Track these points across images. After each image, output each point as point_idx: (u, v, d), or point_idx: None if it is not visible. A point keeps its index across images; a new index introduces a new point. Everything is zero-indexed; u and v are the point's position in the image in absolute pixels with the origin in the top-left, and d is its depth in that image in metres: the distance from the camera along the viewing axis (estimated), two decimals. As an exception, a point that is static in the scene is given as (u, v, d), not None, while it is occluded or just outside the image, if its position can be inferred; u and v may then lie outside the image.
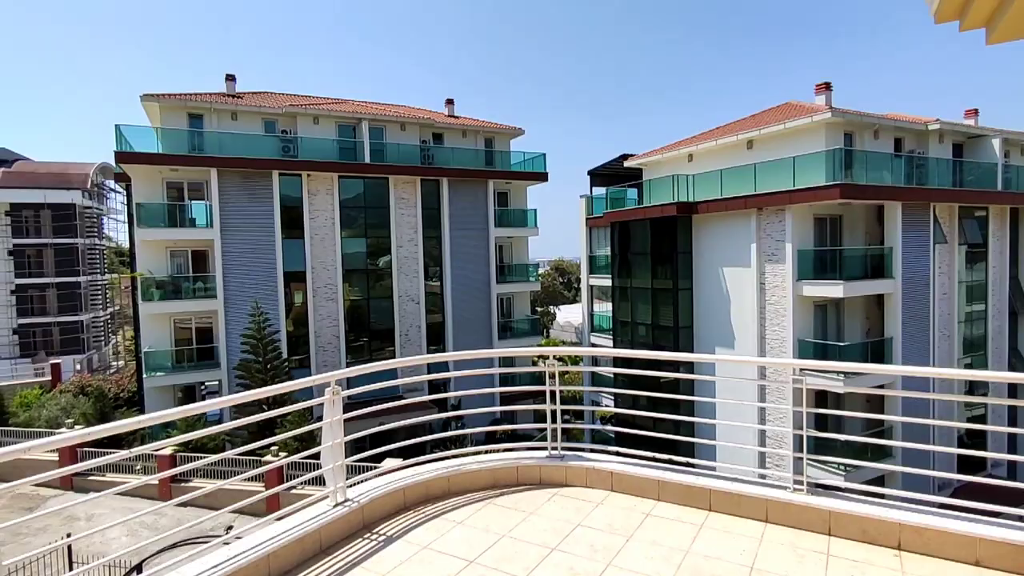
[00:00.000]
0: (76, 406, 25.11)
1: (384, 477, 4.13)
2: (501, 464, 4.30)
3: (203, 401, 25.92)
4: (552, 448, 4.44)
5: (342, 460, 3.72)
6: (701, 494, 3.80)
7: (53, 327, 43.14)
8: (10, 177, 42.41)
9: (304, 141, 27.82)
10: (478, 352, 4.87)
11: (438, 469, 4.22)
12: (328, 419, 3.70)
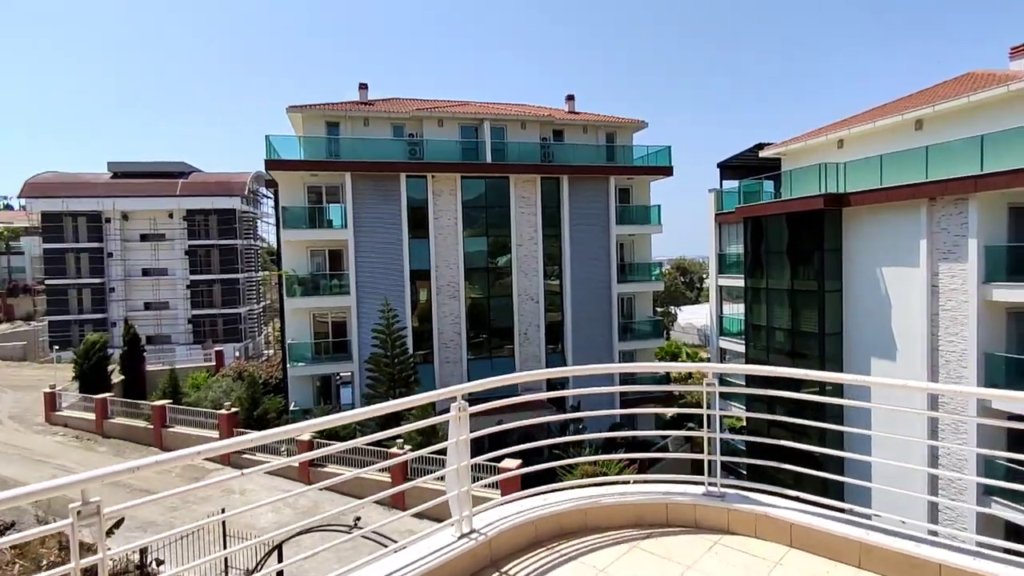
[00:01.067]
0: (234, 390, 27.94)
1: (512, 505, 3.66)
2: (647, 499, 3.66)
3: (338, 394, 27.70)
4: (710, 484, 3.71)
5: (468, 486, 3.30)
6: (927, 568, 2.86)
7: (218, 318, 48.86)
8: (186, 187, 48.64)
9: (429, 143, 28.71)
10: (608, 367, 4.26)
11: (573, 500, 3.68)
12: (454, 438, 3.30)
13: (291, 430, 2.91)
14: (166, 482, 20.31)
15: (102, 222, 47.16)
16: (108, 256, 47.43)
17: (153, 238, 48.55)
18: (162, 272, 48.70)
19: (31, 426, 25.96)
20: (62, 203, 46.29)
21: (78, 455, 22.76)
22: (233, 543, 13.90)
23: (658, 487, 3.80)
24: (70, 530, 2.12)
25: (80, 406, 26.62)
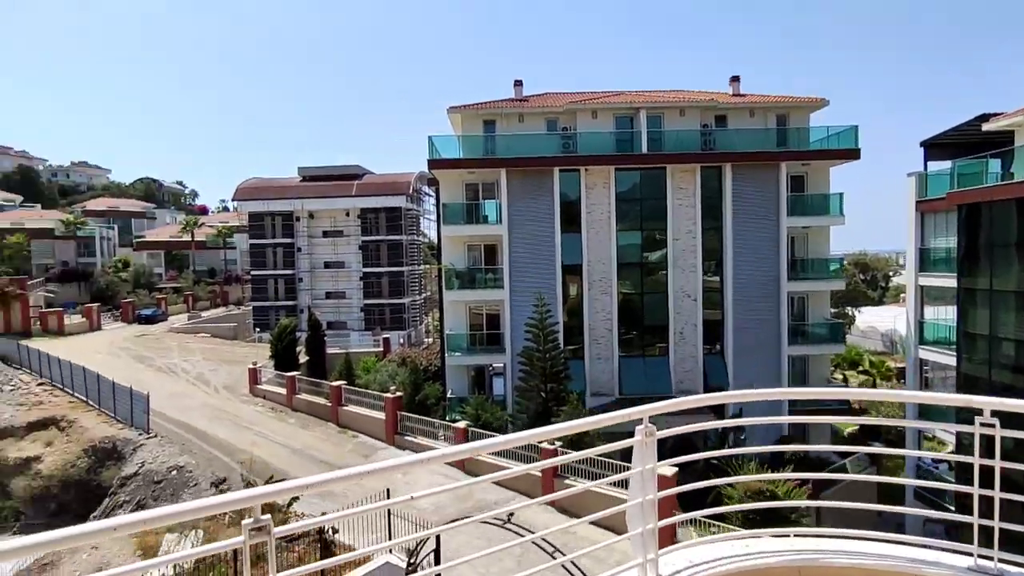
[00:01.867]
0: (398, 374, 30.12)
1: (703, 549, 3.08)
2: (887, 566, 2.84)
3: (491, 384, 28.49)
4: (980, 556, 2.78)
5: (655, 523, 2.80)
6: None
7: (386, 307, 53.32)
8: (360, 188, 53.69)
9: (582, 136, 28.27)
10: (817, 391, 3.44)
11: (783, 553, 3.00)
12: (638, 466, 2.81)
13: (515, 439, 2.68)
14: (341, 456, 22.44)
15: (293, 221, 53.87)
16: (298, 251, 54.08)
17: (333, 234, 54.35)
18: (340, 265, 54.35)
19: (239, 396, 30.33)
20: (264, 205, 53.73)
21: (273, 424, 26.06)
22: (396, 520, 14.81)
23: (900, 550, 2.95)
24: (243, 547, 2.00)
25: (275, 381, 30.51)
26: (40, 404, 27.34)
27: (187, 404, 28.05)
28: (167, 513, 1.93)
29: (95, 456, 22.64)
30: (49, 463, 22.73)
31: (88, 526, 1.81)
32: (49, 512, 22.07)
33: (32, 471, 22.53)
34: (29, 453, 23.23)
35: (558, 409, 21.39)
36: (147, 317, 54.04)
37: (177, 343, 43.49)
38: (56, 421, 25.10)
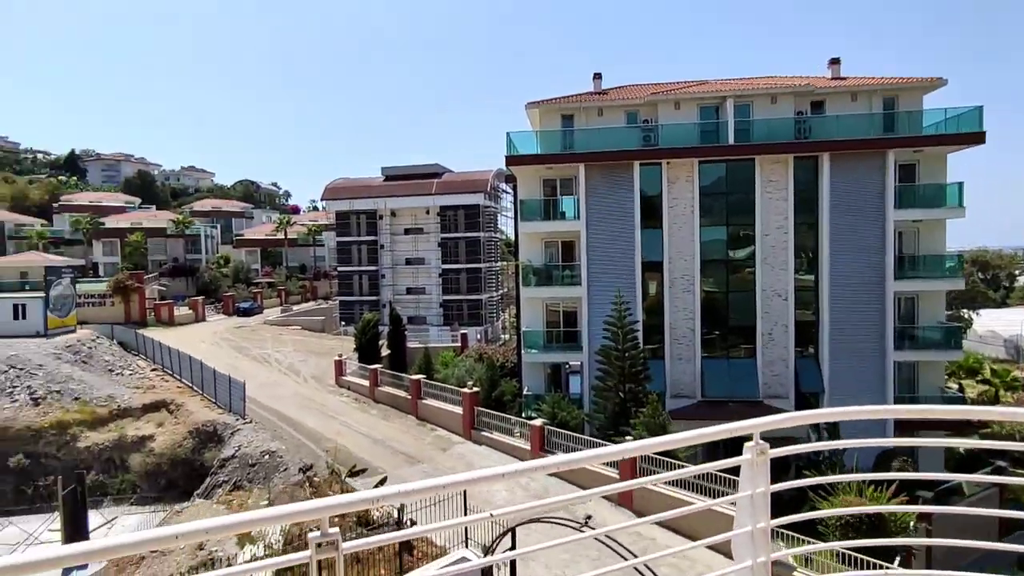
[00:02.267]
0: (475, 370, 30.42)
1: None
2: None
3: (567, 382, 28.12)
4: None
5: (767, 556, 2.42)
6: None
7: (463, 303, 54.21)
8: (440, 186, 54.84)
9: (664, 129, 27.24)
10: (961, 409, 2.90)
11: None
12: (747, 489, 2.45)
13: (623, 450, 2.44)
14: (420, 448, 22.92)
15: (377, 219, 55.87)
16: (380, 248, 56.04)
17: (414, 232, 55.88)
18: (420, 261, 55.80)
19: (325, 386, 31.80)
20: (349, 204, 56.08)
21: (356, 415, 27.08)
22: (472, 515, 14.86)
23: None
24: (310, 562, 1.86)
25: (358, 373, 31.72)
26: (153, 388, 29.93)
27: (279, 393, 29.73)
28: (231, 523, 1.82)
29: (198, 438, 24.45)
30: (160, 442, 24.80)
31: (152, 533, 1.72)
32: (160, 487, 24.09)
33: (146, 449, 24.68)
34: (144, 432, 25.47)
35: (637, 410, 20.73)
36: (245, 310, 58.06)
37: (271, 334, 46.35)
38: (166, 404, 27.35)
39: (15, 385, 27.02)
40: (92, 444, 24.93)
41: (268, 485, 18.89)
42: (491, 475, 2.12)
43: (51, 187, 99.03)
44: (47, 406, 26.07)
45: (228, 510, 16.84)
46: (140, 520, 21.56)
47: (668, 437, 2.42)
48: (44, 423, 25.18)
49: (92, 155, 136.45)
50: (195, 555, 13.89)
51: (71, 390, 27.36)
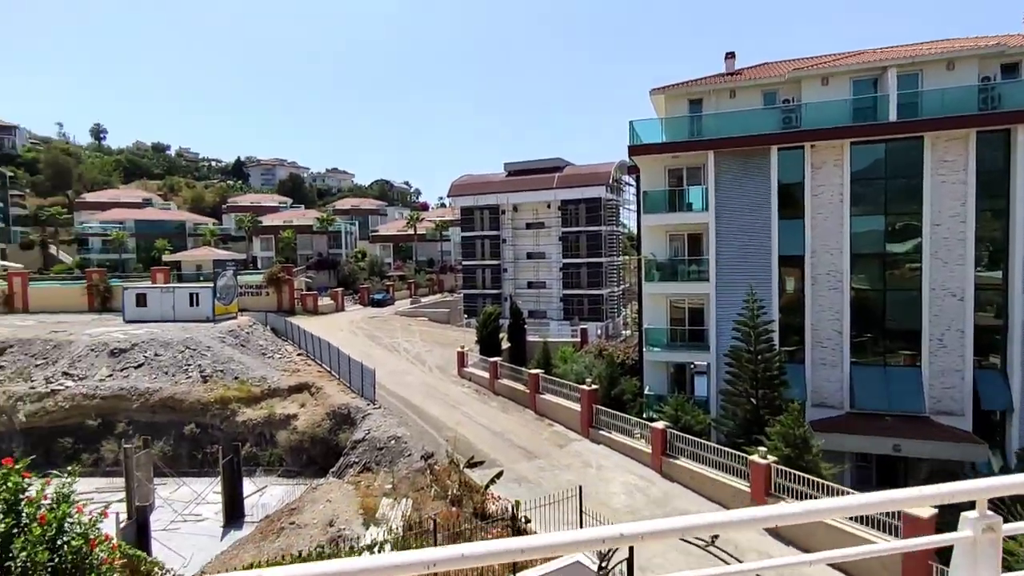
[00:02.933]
0: (595, 366, 29.73)
1: None
2: None
3: (692, 384, 26.52)
4: None
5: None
6: None
7: (584, 298, 53.54)
8: (561, 180, 54.51)
9: (808, 108, 24.51)
10: None
11: None
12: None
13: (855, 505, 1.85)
14: (537, 444, 22.78)
15: (499, 214, 56.89)
16: (502, 242, 57.01)
17: (535, 226, 56.15)
18: (541, 256, 55.97)
19: (449, 376, 32.85)
20: (473, 200, 57.67)
21: (477, 406, 27.61)
22: (587, 519, 14.32)
23: None
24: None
25: (480, 365, 32.37)
26: (298, 371, 32.82)
27: (406, 380, 31.22)
28: (482, 552, 1.50)
29: (334, 420, 26.33)
30: (302, 421, 27.08)
31: (411, 557, 1.44)
32: (302, 462, 26.32)
33: (291, 427, 27.08)
34: (289, 411, 27.97)
35: (772, 419, 18.87)
36: (378, 301, 62.11)
37: (400, 325, 49.02)
38: (308, 386, 29.83)
39: (189, 364, 31.05)
40: (247, 419, 27.89)
41: (393, 469, 19.78)
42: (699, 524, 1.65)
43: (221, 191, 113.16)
44: (213, 383, 29.63)
45: (356, 491, 17.85)
46: (285, 491, 23.69)
47: (904, 493, 1.72)
48: (210, 398, 28.64)
49: (254, 161, 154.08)
50: (326, 531, 14.82)
51: (232, 370, 30.84)
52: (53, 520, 6.99)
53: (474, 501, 15.95)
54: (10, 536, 6.57)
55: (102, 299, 47.16)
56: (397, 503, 15.96)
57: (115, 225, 77.01)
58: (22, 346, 32.09)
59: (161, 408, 28.60)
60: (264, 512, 20.99)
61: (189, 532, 20.97)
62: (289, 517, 15.93)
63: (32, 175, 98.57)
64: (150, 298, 41.26)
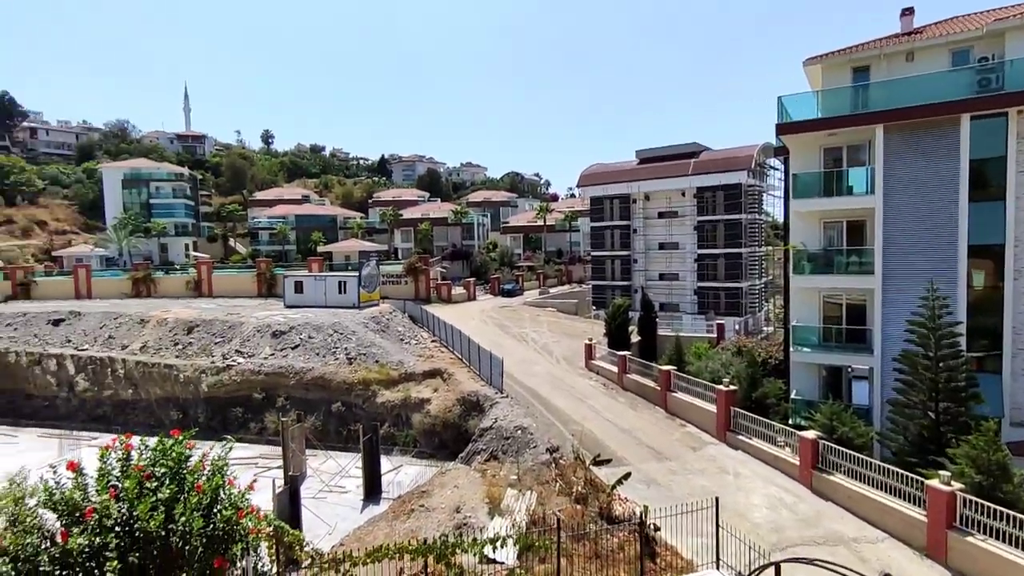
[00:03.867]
0: (733, 365, 27.53)
1: None
2: None
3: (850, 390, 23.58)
4: None
5: None
6: None
7: (720, 291, 50.14)
8: (697, 166, 51.34)
9: (1015, 66, 20.29)
10: None
11: None
12: None
13: None
14: (667, 444, 21.54)
15: (630, 203, 55.07)
16: (633, 232, 55.15)
17: (668, 215, 53.57)
18: (674, 246, 53.32)
19: (575, 368, 32.39)
20: (603, 189, 56.39)
21: (604, 400, 26.87)
22: (724, 534, 13.07)
23: None
24: None
25: (607, 359, 31.51)
26: (431, 357, 34.31)
27: (533, 370, 31.28)
28: None
29: (464, 406, 27.08)
30: (435, 406, 28.21)
31: None
32: (434, 445, 27.44)
33: (424, 410, 28.33)
34: (423, 395, 29.29)
35: (956, 438, 15.99)
36: (508, 291, 63.32)
37: (529, 315, 49.44)
38: (440, 372, 31.03)
39: (337, 346, 33.78)
40: (386, 401, 29.67)
41: (518, 460, 19.77)
42: None
43: (367, 187, 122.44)
44: (357, 365, 31.93)
45: (482, 479, 18.07)
46: (418, 472, 24.83)
47: None
48: (354, 379, 30.90)
49: (396, 158, 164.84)
50: (452, 516, 15.10)
51: (373, 354, 33.02)
52: (208, 490, 7.60)
53: (600, 501, 15.36)
54: (174, 502, 7.24)
55: (268, 286, 53.11)
56: (522, 495, 15.83)
57: (279, 220, 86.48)
58: (206, 326, 37.01)
59: (313, 386, 31.41)
60: (399, 490, 22.11)
61: (334, 502, 22.73)
62: (419, 499, 16.50)
63: (216, 177, 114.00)
64: (306, 285, 45.60)
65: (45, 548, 6.79)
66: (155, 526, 6.82)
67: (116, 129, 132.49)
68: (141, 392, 33.86)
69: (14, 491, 7.39)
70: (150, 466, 7.52)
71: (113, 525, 6.91)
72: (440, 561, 10.31)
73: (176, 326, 37.24)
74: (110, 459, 7.57)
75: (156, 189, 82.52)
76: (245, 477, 22.93)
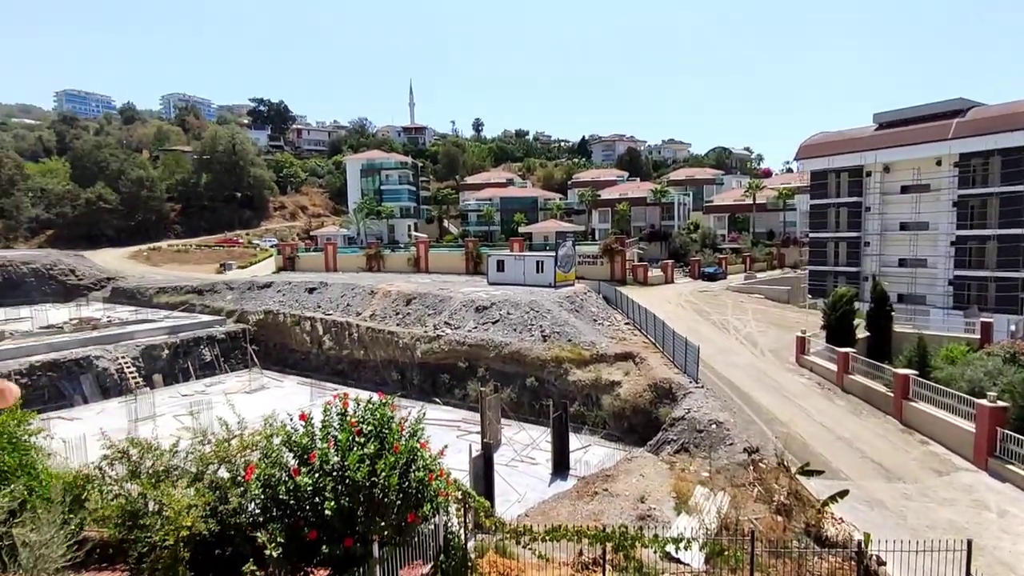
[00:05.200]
0: (1003, 375, 22.09)
1: None
2: None
3: None
4: None
5: None
6: None
7: (989, 282, 40.61)
8: (963, 127, 41.78)
9: None
10: None
11: None
12: None
13: None
14: (901, 463, 18.16)
15: (862, 176, 47.25)
16: (865, 210, 47.36)
17: (915, 189, 44.80)
18: (921, 226, 44.55)
19: (784, 363, 29.09)
20: (827, 162, 49.24)
21: (818, 402, 23.69)
22: (981, 584, 10.49)
23: None
24: None
25: (824, 355, 27.67)
26: (624, 340, 33.72)
27: (733, 361, 28.88)
28: None
29: (655, 393, 26.11)
30: (625, 389, 27.70)
31: None
32: (623, 428, 27.04)
33: (614, 393, 28.01)
34: (614, 378, 28.95)
35: None
36: (709, 274, 59.34)
37: (732, 301, 45.74)
38: (632, 356, 30.32)
39: (532, 324, 35.06)
40: (577, 380, 29.99)
41: (711, 456, 18.41)
42: None
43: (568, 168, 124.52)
44: (550, 343, 32.79)
45: (670, 471, 17.19)
46: (605, 453, 24.71)
47: None
48: (547, 356, 31.79)
49: (596, 139, 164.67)
50: (636, 506, 14.62)
51: (566, 333, 33.57)
52: (404, 451, 8.29)
53: (807, 516, 13.51)
54: (377, 457, 8.03)
55: (474, 264, 57.30)
56: (713, 495, 14.68)
57: (486, 202, 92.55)
58: (421, 299, 41.30)
59: (510, 360, 33.11)
60: (586, 469, 22.23)
61: (524, 472, 23.76)
62: (604, 483, 16.31)
63: (434, 164, 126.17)
64: (507, 264, 48.12)
65: (283, 480, 8.03)
66: (361, 477, 7.62)
67: (357, 126, 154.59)
68: (369, 354, 39.22)
69: (266, 430, 8.90)
70: (360, 423, 8.44)
71: (330, 470, 7.91)
72: (619, 551, 9.99)
73: (398, 298, 42.21)
74: (331, 413, 8.68)
75: (386, 177, 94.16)
76: (448, 438, 25.20)
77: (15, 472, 8.45)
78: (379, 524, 7.83)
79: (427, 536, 9.28)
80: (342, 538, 7.68)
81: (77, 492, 8.68)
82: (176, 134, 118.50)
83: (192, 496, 7.97)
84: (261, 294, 49.14)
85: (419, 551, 9.23)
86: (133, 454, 8.48)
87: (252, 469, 8.16)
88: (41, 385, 32.55)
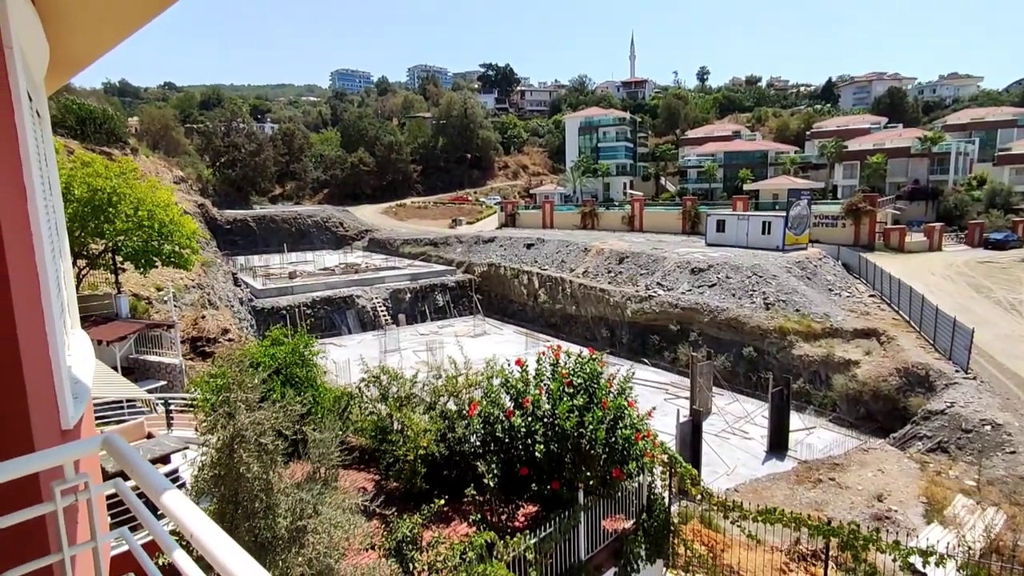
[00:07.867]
0: None
1: None
2: None
3: None
4: None
5: None
6: None
7: None
8: None
9: None
10: None
11: None
12: None
13: None
14: None
15: None
16: None
17: None
18: None
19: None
20: None
21: None
22: None
23: None
24: None
25: None
26: (867, 315, 29.17)
27: (1022, 352, 23.10)
28: None
29: (905, 378, 22.26)
30: (864, 371, 24.14)
31: None
32: (857, 414, 23.74)
33: (849, 373, 24.61)
34: (850, 356, 25.39)
35: None
36: (996, 242, 47.58)
37: (1027, 276, 36.24)
38: (877, 334, 26.14)
39: (754, 290, 32.21)
40: (803, 354, 26.97)
41: (980, 463, 15.14)
42: None
43: (807, 116, 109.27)
44: (774, 312, 29.85)
45: (920, 471, 14.60)
46: (833, 439, 22.01)
47: None
48: (769, 326, 29.04)
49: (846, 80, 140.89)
50: (871, 504, 12.79)
51: (794, 302, 30.18)
52: (612, 408, 8.41)
53: None
54: (585, 410, 8.30)
55: (691, 223, 54.37)
56: (981, 509, 12.13)
57: (708, 158, 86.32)
58: (634, 258, 40.78)
59: (725, 327, 31.12)
60: (808, 453, 20.15)
61: (736, 445, 22.45)
62: (830, 471, 14.59)
63: (653, 119, 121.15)
64: (728, 224, 44.68)
65: (499, 419, 8.80)
66: (570, 427, 7.97)
67: (576, 84, 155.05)
68: (581, 309, 40.29)
69: (488, 371, 9.82)
70: (571, 375, 8.77)
71: (541, 416, 8.42)
72: (847, 550, 8.91)
73: (610, 256, 42.29)
74: (544, 363, 9.17)
75: (603, 134, 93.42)
76: (656, 400, 24.93)
77: (304, 384, 10.75)
78: (585, 474, 8.14)
79: (631, 493, 9.39)
80: (550, 480, 8.19)
81: (344, 405, 10.71)
82: (419, 102, 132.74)
83: (427, 422, 9.23)
84: (486, 248, 53.53)
85: (622, 506, 9.41)
86: (384, 379, 10.09)
87: (475, 406, 9.09)
88: (319, 316, 40.34)
